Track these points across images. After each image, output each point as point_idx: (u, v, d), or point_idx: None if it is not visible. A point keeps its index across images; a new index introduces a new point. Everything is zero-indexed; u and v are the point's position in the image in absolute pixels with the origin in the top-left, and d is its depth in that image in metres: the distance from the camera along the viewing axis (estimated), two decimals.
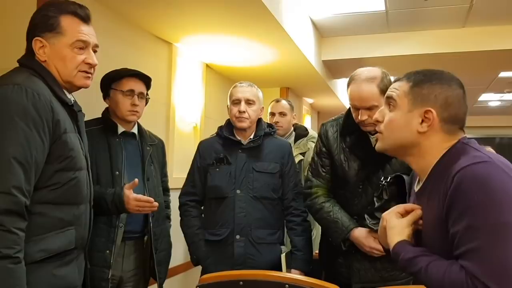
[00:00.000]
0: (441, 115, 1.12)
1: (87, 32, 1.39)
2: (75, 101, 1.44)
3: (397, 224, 1.17)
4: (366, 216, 1.83)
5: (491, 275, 0.95)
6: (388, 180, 1.78)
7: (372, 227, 1.77)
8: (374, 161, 1.85)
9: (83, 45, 1.38)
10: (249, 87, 2.21)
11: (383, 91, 1.78)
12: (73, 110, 1.38)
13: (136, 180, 1.79)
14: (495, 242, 0.96)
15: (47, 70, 1.34)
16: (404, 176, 1.77)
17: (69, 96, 1.41)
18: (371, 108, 1.80)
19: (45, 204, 1.25)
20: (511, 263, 0.95)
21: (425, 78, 1.15)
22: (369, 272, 1.87)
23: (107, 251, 1.88)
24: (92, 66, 1.41)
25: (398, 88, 1.18)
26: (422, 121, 1.12)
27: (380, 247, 1.77)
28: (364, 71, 1.83)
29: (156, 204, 1.80)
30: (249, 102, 2.17)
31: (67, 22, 1.36)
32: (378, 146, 1.23)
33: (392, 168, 1.83)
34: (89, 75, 1.42)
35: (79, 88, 1.43)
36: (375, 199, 1.79)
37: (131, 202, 1.76)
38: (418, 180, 1.22)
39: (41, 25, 1.34)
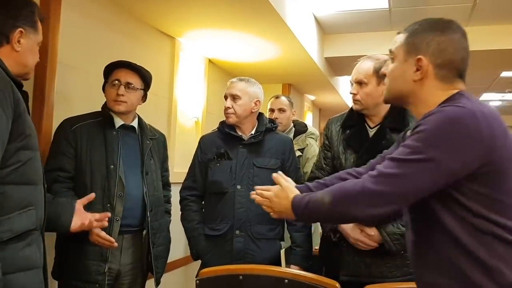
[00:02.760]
0: (434, 62, 1.13)
1: None
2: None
3: (279, 191, 1.27)
4: None
5: (384, 176, 1.03)
6: None
7: None
8: (369, 153, 1.87)
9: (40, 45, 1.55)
10: (238, 82, 2.20)
11: (376, 72, 1.85)
12: (24, 92, 1.41)
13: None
14: (415, 168, 1.01)
15: None
16: None
17: None
18: (360, 83, 1.88)
19: (7, 184, 1.27)
20: (407, 187, 1.02)
21: (419, 27, 1.18)
22: (358, 266, 1.86)
23: None
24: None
25: (396, 40, 1.22)
26: (417, 69, 1.15)
27: (364, 239, 1.80)
28: (377, 54, 1.93)
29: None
30: (234, 97, 2.16)
31: (39, 22, 1.51)
32: (384, 97, 1.28)
33: None
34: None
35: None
36: None
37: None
38: None
39: (25, 18, 1.44)
